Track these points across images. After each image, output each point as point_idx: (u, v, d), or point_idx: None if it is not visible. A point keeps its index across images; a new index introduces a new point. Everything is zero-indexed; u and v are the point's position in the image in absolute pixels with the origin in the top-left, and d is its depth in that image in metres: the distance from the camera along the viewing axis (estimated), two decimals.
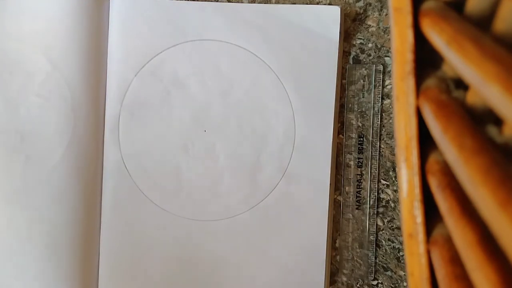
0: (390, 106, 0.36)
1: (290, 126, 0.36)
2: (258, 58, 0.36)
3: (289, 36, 0.36)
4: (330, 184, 0.36)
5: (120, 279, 0.38)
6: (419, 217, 0.17)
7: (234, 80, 0.36)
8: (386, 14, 0.35)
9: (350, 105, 0.36)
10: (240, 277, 0.37)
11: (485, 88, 0.11)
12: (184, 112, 0.37)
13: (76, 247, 0.37)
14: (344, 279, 0.37)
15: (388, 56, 0.36)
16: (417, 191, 0.17)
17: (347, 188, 0.36)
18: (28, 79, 0.37)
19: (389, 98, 0.36)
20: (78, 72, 0.37)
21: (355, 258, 0.37)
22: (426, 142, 0.19)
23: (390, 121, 0.36)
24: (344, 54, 0.36)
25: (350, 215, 0.37)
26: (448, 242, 0.16)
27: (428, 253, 0.17)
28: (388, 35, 0.35)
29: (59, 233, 0.37)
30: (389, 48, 0.36)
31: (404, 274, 0.36)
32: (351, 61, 0.36)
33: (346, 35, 0.36)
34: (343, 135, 0.36)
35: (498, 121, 0.14)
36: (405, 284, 0.36)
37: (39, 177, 0.37)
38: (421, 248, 0.17)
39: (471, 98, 0.15)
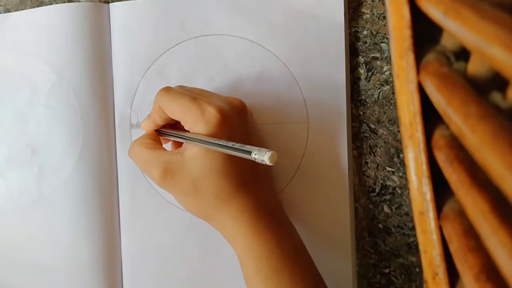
0: (390, 93, 0.36)
1: (302, 114, 0.35)
2: (264, 48, 0.35)
3: (293, 23, 0.35)
4: (349, 167, 0.35)
5: (144, 283, 0.37)
6: (428, 194, 0.17)
7: (241, 73, 0.36)
8: (380, 0, 0.35)
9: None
10: None
11: (487, 50, 0.11)
12: None
13: (97, 255, 0.36)
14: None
15: (384, 42, 0.35)
16: (424, 167, 0.17)
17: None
18: (34, 91, 0.37)
19: (388, 85, 0.36)
20: (84, 79, 0.36)
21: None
22: (429, 121, 0.18)
23: (391, 107, 0.36)
24: None
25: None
26: (460, 215, 0.16)
27: (440, 229, 0.17)
28: (383, 21, 0.35)
29: (79, 242, 0.36)
30: (385, 34, 0.36)
31: (416, 260, 0.36)
32: None
33: None
34: None
35: (501, 88, 0.14)
36: (417, 269, 0.36)
37: (54, 187, 0.36)
38: (432, 224, 0.17)
39: (473, 67, 0.15)
